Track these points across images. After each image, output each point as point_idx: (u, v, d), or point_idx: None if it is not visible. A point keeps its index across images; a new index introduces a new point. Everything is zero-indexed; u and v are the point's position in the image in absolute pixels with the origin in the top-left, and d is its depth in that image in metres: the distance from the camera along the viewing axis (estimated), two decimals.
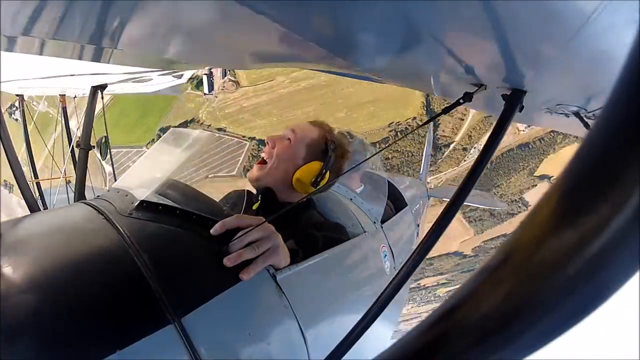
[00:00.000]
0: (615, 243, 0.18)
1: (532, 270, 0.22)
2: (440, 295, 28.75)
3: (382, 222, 1.73)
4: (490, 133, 0.94)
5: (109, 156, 2.37)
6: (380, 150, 2.01)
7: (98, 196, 0.88)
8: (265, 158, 1.28)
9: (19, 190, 2.02)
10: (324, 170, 1.29)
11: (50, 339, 0.53)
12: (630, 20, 0.49)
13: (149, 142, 26.01)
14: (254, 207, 1.24)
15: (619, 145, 0.19)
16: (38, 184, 3.34)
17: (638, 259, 0.18)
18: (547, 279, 0.20)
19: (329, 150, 1.34)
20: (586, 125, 1.07)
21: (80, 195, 2.22)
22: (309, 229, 1.19)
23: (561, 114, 1.11)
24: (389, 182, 2.21)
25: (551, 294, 0.20)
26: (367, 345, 0.84)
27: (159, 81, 2.38)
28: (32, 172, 3.39)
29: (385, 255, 1.61)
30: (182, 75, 2.34)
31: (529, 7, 0.52)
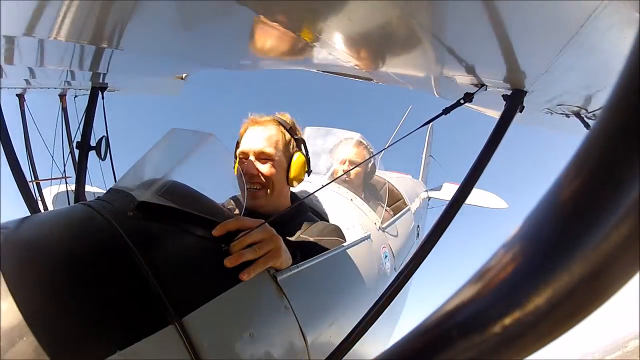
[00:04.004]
0: (615, 243, 0.18)
1: (532, 271, 0.22)
2: None
3: (383, 223, 1.73)
4: (491, 133, 0.94)
5: (108, 157, 2.35)
6: (381, 151, 2.01)
7: (98, 197, 0.87)
8: (258, 188, 1.27)
9: (19, 191, 2.01)
10: (306, 154, 1.34)
11: (50, 339, 0.53)
12: (630, 20, 0.49)
13: None
14: None
15: (619, 145, 0.19)
16: (38, 184, 3.33)
17: (638, 260, 0.18)
18: (547, 279, 0.20)
19: (293, 135, 1.35)
20: (586, 125, 1.07)
21: (79, 196, 2.21)
22: (301, 234, 1.19)
23: (561, 114, 1.11)
24: (389, 182, 2.21)
25: (551, 295, 0.20)
26: (368, 346, 0.84)
27: (159, 81, 2.38)
28: (32, 172, 3.37)
29: (386, 256, 1.61)
30: (182, 75, 2.34)
31: (530, 7, 0.52)
